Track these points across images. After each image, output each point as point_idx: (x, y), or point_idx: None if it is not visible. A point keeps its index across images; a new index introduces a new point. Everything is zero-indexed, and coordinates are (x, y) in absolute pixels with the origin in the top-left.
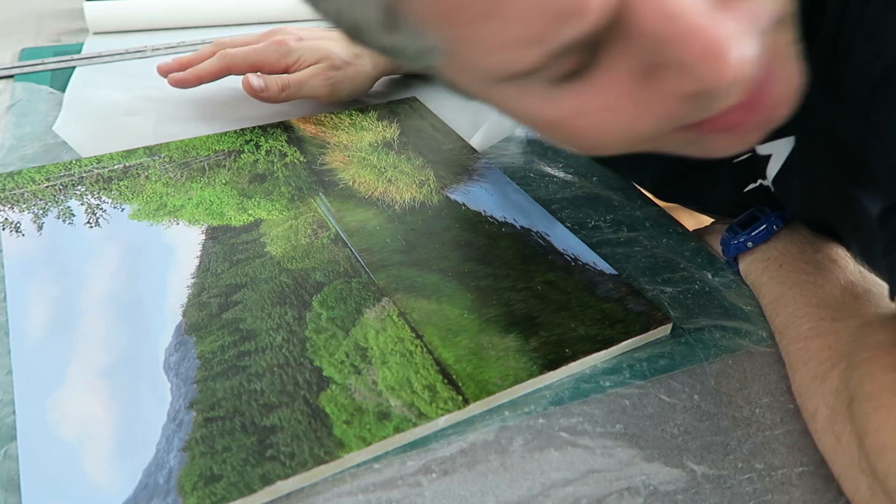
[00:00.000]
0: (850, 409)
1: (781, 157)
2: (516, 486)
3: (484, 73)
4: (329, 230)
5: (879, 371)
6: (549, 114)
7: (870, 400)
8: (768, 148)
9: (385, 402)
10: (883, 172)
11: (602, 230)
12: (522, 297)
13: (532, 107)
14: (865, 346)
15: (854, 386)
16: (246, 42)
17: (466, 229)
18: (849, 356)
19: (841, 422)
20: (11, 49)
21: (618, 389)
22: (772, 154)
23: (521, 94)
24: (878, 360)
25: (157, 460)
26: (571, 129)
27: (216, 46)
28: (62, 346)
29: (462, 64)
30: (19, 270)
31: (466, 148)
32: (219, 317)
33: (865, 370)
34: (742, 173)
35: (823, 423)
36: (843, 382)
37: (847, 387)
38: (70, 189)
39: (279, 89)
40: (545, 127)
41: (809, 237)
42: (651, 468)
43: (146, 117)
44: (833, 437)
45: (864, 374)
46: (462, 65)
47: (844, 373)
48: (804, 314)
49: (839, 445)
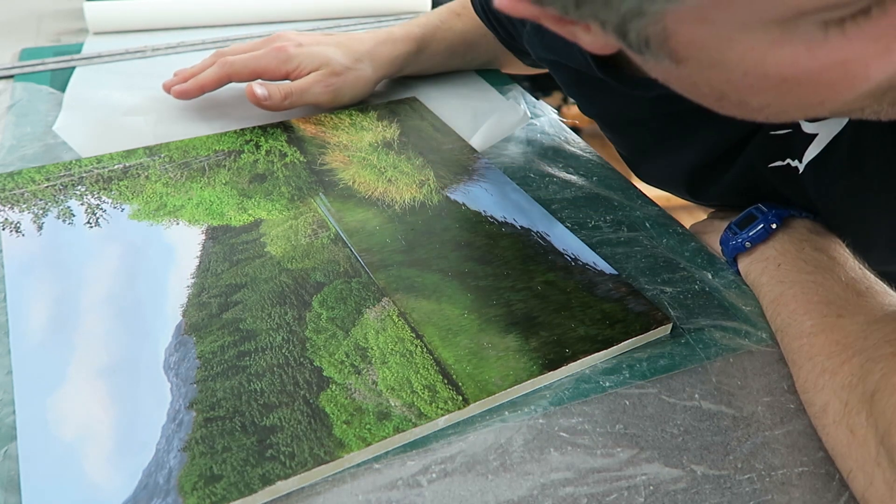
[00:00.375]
0: (872, 403)
1: (826, 139)
2: (516, 486)
3: (761, 11)
4: (329, 230)
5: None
6: (804, 64)
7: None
8: (815, 127)
9: (385, 402)
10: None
11: (602, 230)
12: (522, 297)
13: (786, 57)
14: (886, 342)
15: (878, 379)
16: (246, 49)
17: (466, 229)
18: (865, 351)
19: (856, 415)
20: (11, 49)
21: (618, 389)
22: (818, 134)
23: (780, 41)
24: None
25: (157, 460)
26: (820, 82)
27: (216, 56)
28: (62, 346)
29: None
30: (19, 270)
31: (466, 148)
32: (219, 317)
33: (892, 363)
34: (775, 147)
35: (836, 417)
36: (859, 377)
37: (865, 381)
38: (70, 189)
39: (282, 97)
40: (783, 82)
41: (807, 235)
42: (651, 468)
43: (146, 117)
44: (847, 431)
45: (890, 367)
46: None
47: (861, 368)
48: (806, 311)
49: (854, 439)
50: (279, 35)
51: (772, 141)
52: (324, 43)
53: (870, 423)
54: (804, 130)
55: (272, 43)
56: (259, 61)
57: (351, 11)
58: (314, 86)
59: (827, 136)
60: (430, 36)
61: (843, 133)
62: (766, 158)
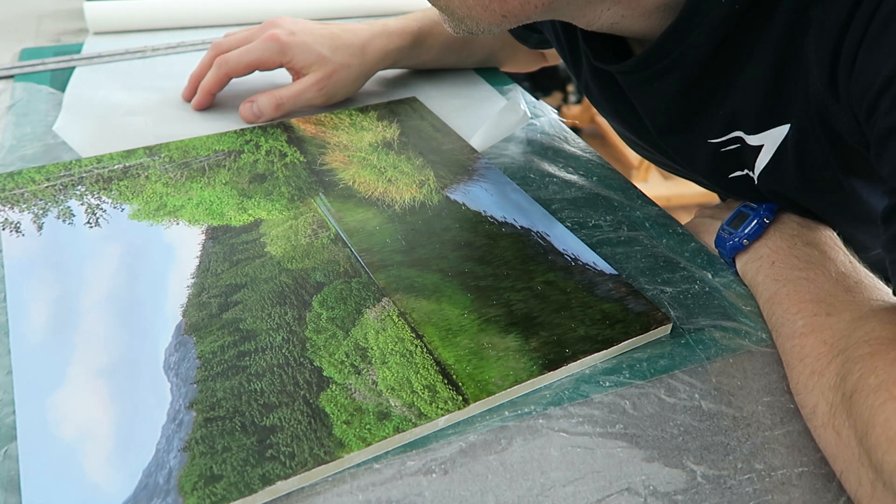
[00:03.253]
0: (851, 404)
1: (773, 147)
2: (516, 486)
3: None
4: (329, 230)
5: (884, 364)
6: None
7: (876, 392)
8: (760, 139)
9: (385, 402)
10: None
11: (602, 230)
12: (522, 297)
13: None
14: (864, 342)
15: (855, 380)
16: (241, 40)
17: (466, 229)
18: (845, 351)
19: (840, 417)
20: (11, 49)
21: (618, 389)
22: (763, 145)
23: None
24: (882, 355)
25: (157, 460)
26: None
27: (213, 49)
28: (62, 346)
29: None
30: (19, 270)
31: (466, 148)
32: (219, 317)
33: (868, 364)
34: (732, 160)
35: (823, 419)
36: (841, 378)
37: (846, 382)
38: (70, 189)
39: (273, 109)
40: None
41: (799, 230)
42: (651, 468)
43: (146, 117)
44: (834, 433)
45: (866, 368)
46: None
47: (842, 368)
48: (798, 310)
49: (840, 441)
50: (273, 21)
51: (726, 155)
52: (317, 34)
53: (850, 425)
54: (749, 143)
55: (266, 31)
56: (252, 54)
57: (350, 11)
58: (306, 91)
59: (772, 145)
60: (427, 31)
61: (786, 142)
62: (727, 170)
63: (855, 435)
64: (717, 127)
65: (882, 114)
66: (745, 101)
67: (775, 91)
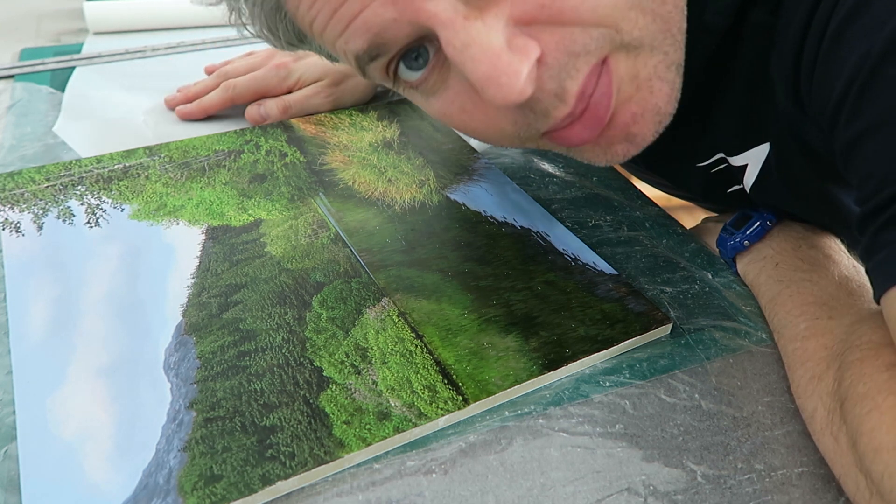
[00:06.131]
0: (843, 411)
1: (757, 165)
2: (516, 486)
3: None
4: (329, 230)
5: (871, 371)
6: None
7: (863, 401)
8: (743, 158)
9: (385, 402)
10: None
11: (602, 230)
12: (522, 297)
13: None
14: (856, 347)
15: (846, 387)
16: (247, 68)
17: (466, 229)
18: (841, 356)
19: (837, 422)
20: (11, 49)
21: (618, 389)
22: (747, 164)
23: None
24: (870, 361)
25: (157, 460)
26: (458, 124)
27: (219, 77)
28: (62, 346)
29: None
30: (19, 270)
31: (466, 148)
32: (219, 317)
33: (857, 371)
34: (726, 176)
35: (822, 423)
36: (838, 383)
37: (840, 388)
38: (70, 189)
39: (280, 113)
40: (443, 117)
41: (803, 233)
42: (651, 468)
43: (146, 117)
44: (831, 438)
45: (855, 375)
46: None
47: (838, 373)
48: (800, 313)
49: (837, 446)
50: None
51: (717, 175)
52: None
53: (845, 431)
54: (734, 164)
55: (272, 59)
56: (260, 82)
57: None
58: (314, 97)
59: (756, 164)
60: None
61: (769, 160)
62: (723, 186)
63: (849, 441)
64: (703, 152)
65: (842, 126)
66: (725, 126)
67: (749, 113)
